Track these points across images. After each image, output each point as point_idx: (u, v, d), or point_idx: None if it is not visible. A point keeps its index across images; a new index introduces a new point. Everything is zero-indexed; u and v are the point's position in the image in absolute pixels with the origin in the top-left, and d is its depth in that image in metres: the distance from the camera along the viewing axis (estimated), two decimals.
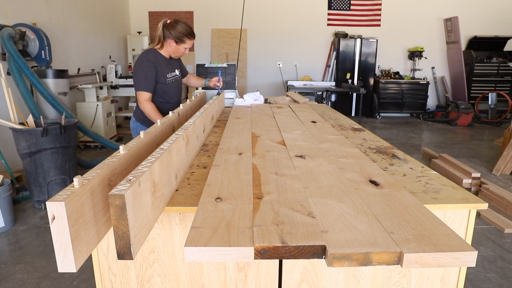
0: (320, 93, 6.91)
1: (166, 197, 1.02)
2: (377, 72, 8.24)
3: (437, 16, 8.22)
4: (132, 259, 0.76)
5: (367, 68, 7.94)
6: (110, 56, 6.80)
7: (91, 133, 4.59)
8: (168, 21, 2.32)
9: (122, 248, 0.76)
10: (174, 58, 2.52)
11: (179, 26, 2.31)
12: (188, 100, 2.36)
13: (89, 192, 0.80)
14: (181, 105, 2.05)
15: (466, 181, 3.75)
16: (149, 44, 4.85)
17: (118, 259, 0.75)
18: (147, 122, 2.39)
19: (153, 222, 0.90)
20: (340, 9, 8.18)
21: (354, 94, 7.89)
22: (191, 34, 2.35)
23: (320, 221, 0.86)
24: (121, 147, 1.06)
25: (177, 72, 2.55)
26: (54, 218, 0.69)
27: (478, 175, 3.76)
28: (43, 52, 4.36)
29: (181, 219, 1.07)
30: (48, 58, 4.41)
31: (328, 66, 8.28)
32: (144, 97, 2.29)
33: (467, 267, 1.41)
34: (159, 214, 0.95)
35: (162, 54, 2.39)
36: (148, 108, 2.28)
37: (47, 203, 0.69)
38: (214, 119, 2.32)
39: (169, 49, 2.38)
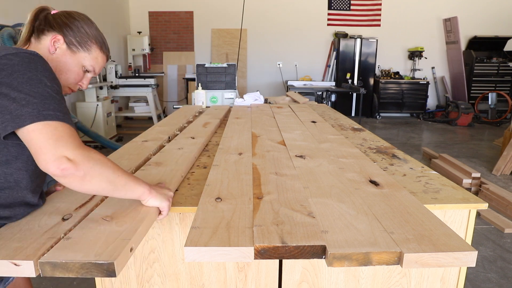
0: (320, 93, 6.91)
1: None
2: (377, 72, 8.24)
3: (437, 16, 8.22)
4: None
5: (367, 68, 7.93)
6: (110, 56, 6.80)
7: (91, 133, 4.59)
8: (54, 11, 1.05)
9: None
10: None
11: (83, 24, 1.08)
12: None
13: None
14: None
15: (466, 181, 3.75)
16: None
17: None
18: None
19: None
20: (340, 9, 8.18)
21: (354, 94, 7.89)
22: (105, 44, 1.12)
23: (320, 221, 0.86)
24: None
25: None
26: None
27: (478, 175, 3.76)
28: None
29: (181, 219, 1.07)
30: None
31: (328, 66, 8.28)
32: (75, 140, 0.79)
33: (467, 267, 1.41)
34: None
35: None
36: (108, 164, 0.82)
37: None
38: (209, 124, 2.32)
39: (58, 66, 0.99)
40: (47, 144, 0.75)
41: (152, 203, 0.93)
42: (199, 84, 3.40)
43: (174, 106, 3.95)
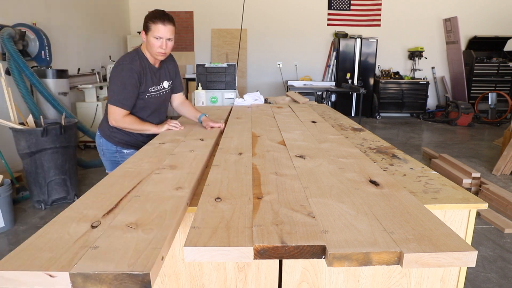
0: (320, 93, 6.91)
1: None
2: (377, 72, 8.24)
3: (437, 16, 8.22)
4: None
5: (367, 68, 7.93)
6: (110, 56, 6.80)
7: (91, 133, 4.59)
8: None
9: None
10: (164, 65, 2.02)
11: (149, 12, 1.83)
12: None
13: None
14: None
15: (466, 181, 3.75)
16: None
17: None
18: (113, 138, 2.00)
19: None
20: (340, 9, 8.18)
21: (354, 94, 7.89)
22: (156, 17, 1.78)
23: (320, 221, 0.86)
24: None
25: (165, 84, 2.04)
26: None
27: (478, 175, 3.75)
28: (43, 52, 4.36)
29: None
30: (48, 58, 4.41)
31: (328, 66, 8.28)
32: (119, 114, 1.83)
33: (467, 267, 1.41)
34: None
35: (148, 59, 1.93)
36: (128, 122, 1.85)
37: None
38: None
39: (146, 45, 1.89)
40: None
41: (162, 131, 1.95)
42: (199, 84, 3.40)
43: None
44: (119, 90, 1.81)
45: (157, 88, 1.98)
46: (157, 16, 1.79)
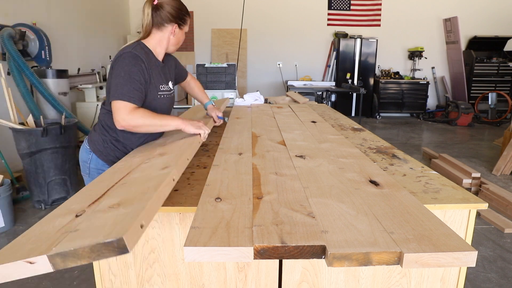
0: (320, 93, 6.91)
1: None
2: (377, 72, 8.24)
3: (437, 16, 8.22)
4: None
5: (367, 68, 7.93)
6: (110, 56, 6.80)
7: None
8: (156, 1, 1.54)
9: None
10: (167, 63, 1.71)
11: (176, 2, 1.58)
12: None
13: None
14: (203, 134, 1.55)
15: (466, 181, 3.75)
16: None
17: None
18: (107, 156, 1.59)
19: None
20: (340, 9, 8.18)
21: (354, 94, 7.89)
22: (187, 10, 1.65)
23: (320, 221, 0.86)
24: None
25: (170, 85, 1.69)
26: None
27: (478, 175, 3.75)
28: (43, 52, 4.36)
29: (181, 219, 1.07)
30: (48, 58, 4.41)
31: (328, 66, 8.28)
32: (128, 109, 1.38)
33: (467, 267, 1.41)
34: None
35: (154, 54, 1.58)
36: (141, 115, 1.39)
37: None
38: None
39: (169, 41, 1.60)
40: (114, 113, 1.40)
41: (189, 131, 1.51)
42: None
43: (174, 106, 3.94)
44: (124, 81, 1.40)
45: (165, 88, 1.64)
46: (186, 8, 1.64)
